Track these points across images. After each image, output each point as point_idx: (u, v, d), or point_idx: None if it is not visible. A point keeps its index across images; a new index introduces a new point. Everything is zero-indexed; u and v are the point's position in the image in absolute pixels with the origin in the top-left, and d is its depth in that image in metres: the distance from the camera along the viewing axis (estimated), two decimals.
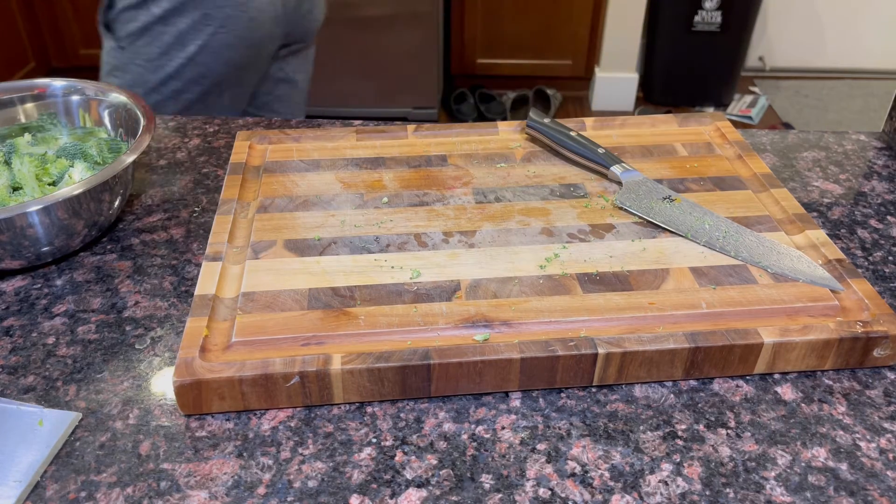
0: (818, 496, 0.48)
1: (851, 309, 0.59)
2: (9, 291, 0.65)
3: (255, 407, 0.54)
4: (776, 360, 0.56)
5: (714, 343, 0.55)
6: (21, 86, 0.79)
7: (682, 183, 0.74)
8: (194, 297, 0.59)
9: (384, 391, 0.54)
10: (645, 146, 0.81)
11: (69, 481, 0.49)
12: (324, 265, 0.63)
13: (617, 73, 2.94)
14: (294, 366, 0.52)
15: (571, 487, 0.48)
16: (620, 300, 0.59)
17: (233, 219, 0.68)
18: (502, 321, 0.57)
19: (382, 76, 2.70)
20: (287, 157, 0.78)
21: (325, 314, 0.58)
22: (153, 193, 0.78)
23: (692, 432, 0.52)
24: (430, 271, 0.62)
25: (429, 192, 0.73)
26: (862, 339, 0.56)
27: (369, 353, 0.53)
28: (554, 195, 0.72)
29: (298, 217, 0.69)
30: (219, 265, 0.62)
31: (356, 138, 0.82)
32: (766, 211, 0.70)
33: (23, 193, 0.69)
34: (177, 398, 0.52)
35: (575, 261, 0.63)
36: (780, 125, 2.86)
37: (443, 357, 0.53)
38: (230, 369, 0.52)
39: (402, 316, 0.57)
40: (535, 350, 0.54)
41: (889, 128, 0.90)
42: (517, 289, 0.60)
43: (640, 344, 0.54)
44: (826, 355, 0.56)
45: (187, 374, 0.52)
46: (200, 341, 0.55)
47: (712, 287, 0.60)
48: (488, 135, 0.83)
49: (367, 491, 0.48)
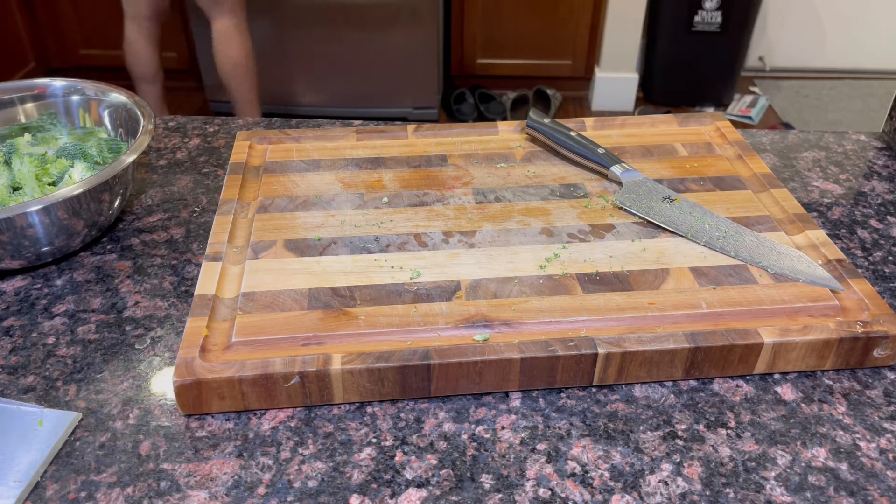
0: (818, 496, 0.48)
1: (851, 309, 0.59)
2: (9, 291, 0.65)
3: (256, 407, 0.54)
4: (776, 360, 0.56)
5: (714, 343, 0.55)
6: (21, 86, 0.79)
7: (683, 183, 0.74)
8: (194, 297, 0.59)
9: (384, 391, 0.54)
10: (645, 146, 0.81)
11: (69, 481, 0.49)
12: (324, 265, 0.63)
13: (617, 73, 2.94)
14: (294, 366, 0.52)
15: (571, 487, 0.48)
16: (620, 300, 0.59)
17: (233, 219, 0.68)
18: (502, 321, 0.57)
19: (382, 76, 2.70)
20: (287, 157, 0.78)
21: (325, 314, 0.58)
22: (153, 193, 0.78)
23: (692, 432, 0.52)
24: (430, 271, 0.62)
25: (429, 192, 0.73)
26: (862, 339, 0.56)
27: (369, 354, 0.53)
28: (554, 195, 0.72)
29: (298, 217, 0.69)
30: (219, 265, 0.62)
31: (356, 138, 0.82)
32: (766, 211, 0.70)
33: (23, 193, 0.69)
34: (177, 398, 0.52)
35: (575, 261, 0.63)
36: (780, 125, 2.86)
37: (443, 357, 0.53)
38: (230, 369, 0.52)
39: (402, 316, 0.57)
40: (536, 350, 0.54)
41: (889, 128, 0.90)
42: (517, 289, 0.60)
43: (640, 344, 0.54)
44: (826, 355, 0.56)
45: (187, 374, 0.52)
46: (200, 341, 0.55)
47: (712, 287, 0.60)
48: (488, 135, 0.83)
49: (367, 491, 0.48)
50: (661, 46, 2.92)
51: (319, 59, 2.65)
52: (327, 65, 2.65)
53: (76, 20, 2.80)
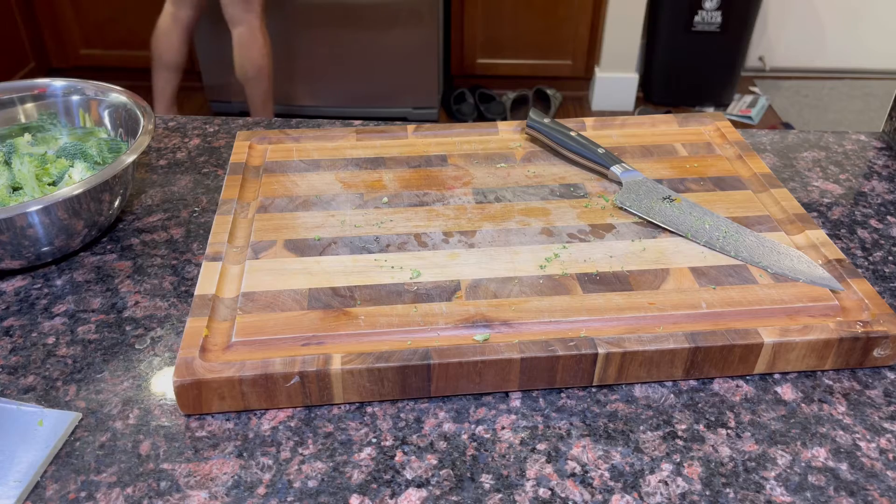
0: (818, 496, 0.48)
1: (851, 309, 0.59)
2: (9, 291, 0.65)
3: (256, 407, 0.54)
4: (776, 360, 0.56)
5: (714, 343, 0.55)
6: (21, 86, 0.79)
7: (683, 183, 0.74)
8: (194, 297, 0.58)
9: (384, 391, 0.54)
10: (645, 146, 0.81)
11: (69, 481, 0.49)
12: (324, 265, 0.63)
13: (617, 73, 2.94)
14: (294, 366, 0.52)
15: (571, 487, 0.48)
16: (621, 300, 0.59)
17: (233, 219, 0.68)
18: (502, 321, 0.57)
19: (382, 76, 2.70)
20: (287, 156, 0.78)
21: (325, 314, 0.58)
22: (153, 193, 0.78)
23: (692, 432, 0.52)
24: (430, 271, 0.62)
25: (429, 192, 0.73)
26: (862, 339, 0.56)
27: (369, 354, 0.53)
28: (554, 195, 0.72)
29: (298, 217, 0.69)
30: (219, 265, 0.62)
31: (356, 138, 0.82)
32: (767, 211, 0.70)
33: (23, 193, 0.69)
34: (177, 398, 0.52)
35: (575, 261, 0.63)
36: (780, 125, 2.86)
37: (443, 357, 0.53)
38: (230, 369, 0.52)
39: (402, 316, 0.57)
40: (536, 350, 0.54)
41: (889, 128, 0.90)
42: (517, 289, 0.60)
43: (641, 344, 0.54)
44: (826, 355, 0.56)
45: (187, 374, 0.52)
46: (200, 341, 0.55)
47: (712, 287, 0.60)
48: (488, 135, 0.83)
49: (367, 491, 0.48)
50: (661, 46, 2.92)
51: (320, 60, 2.65)
52: (327, 65, 2.65)
53: (76, 20, 2.80)
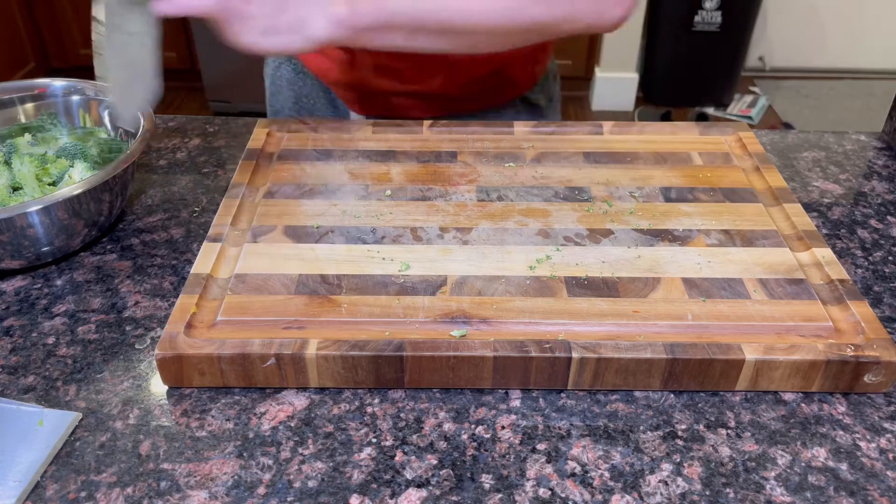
0: (818, 496, 0.48)
1: (846, 331, 0.57)
2: (9, 291, 0.65)
3: (234, 385, 0.55)
4: (759, 378, 0.54)
5: (693, 356, 0.53)
6: (21, 86, 0.79)
7: (692, 192, 0.73)
8: (189, 274, 0.60)
9: (358, 378, 0.54)
10: (659, 153, 0.79)
11: (69, 481, 0.49)
12: (317, 252, 0.64)
13: (617, 73, 2.94)
14: (271, 348, 0.53)
15: (571, 487, 0.48)
16: (605, 306, 0.58)
17: (240, 202, 0.69)
18: (481, 318, 0.57)
19: None
20: (302, 145, 0.80)
21: (310, 300, 0.58)
22: (153, 193, 0.78)
23: (692, 432, 0.52)
24: (420, 265, 0.62)
25: (433, 187, 0.73)
26: (851, 362, 0.54)
27: (345, 341, 0.54)
28: (557, 197, 0.72)
29: (302, 204, 0.70)
30: (218, 246, 0.63)
31: (372, 131, 0.83)
32: (774, 226, 0.68)
33: (23, 193, 0.69)
34: (159, 371, 0.54)
35: (566, 264, 0.63)
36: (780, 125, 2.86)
37: (416, 350, 0.53)
38: (211, 346, 0.53)
39: (384, 307, 0.58)
40: (509, 350, 0.53)
41: (889, 128, 0.90)
42: (502, 288, 0.60)
43: (617, 351, 0.53)
44: (812, 377, 0.54)
45: (170, 347, 0.53)
46: (188, 317, 0.56)
47: (702, 299, 0.59)
48: (503, 134, 0.83)
49: (367, 491, 0.48)
50: (661, 46, 2.92)
51: None
52: None
53: (76, 20, 2.80)
